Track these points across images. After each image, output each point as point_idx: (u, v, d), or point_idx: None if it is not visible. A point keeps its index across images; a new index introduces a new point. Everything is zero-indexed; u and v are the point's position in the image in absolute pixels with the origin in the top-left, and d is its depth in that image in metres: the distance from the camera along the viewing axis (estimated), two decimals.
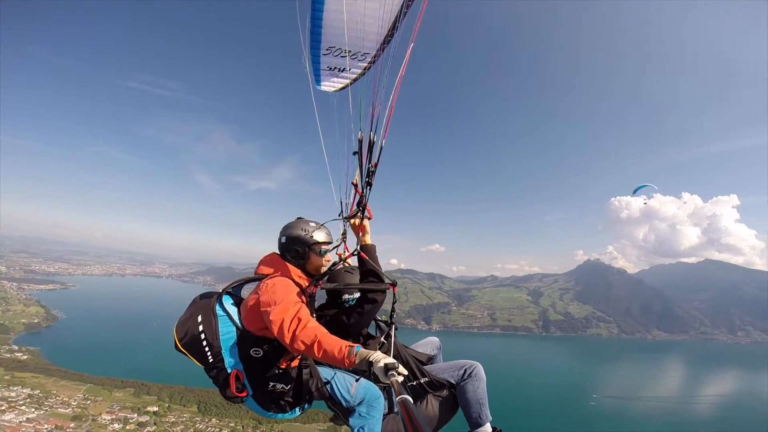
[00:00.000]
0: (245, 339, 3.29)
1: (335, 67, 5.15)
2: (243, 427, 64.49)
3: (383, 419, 3.73)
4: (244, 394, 3.30)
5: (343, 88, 5.38)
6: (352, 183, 4.46)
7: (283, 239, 3.70)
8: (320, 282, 3.57)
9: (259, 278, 3.52)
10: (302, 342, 2.78)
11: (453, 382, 4.09)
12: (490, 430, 4.00)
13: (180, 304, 3.55)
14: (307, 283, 3.57)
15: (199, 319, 3.28)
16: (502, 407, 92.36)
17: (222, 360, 3.24)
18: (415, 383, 3.96)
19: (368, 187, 4.24)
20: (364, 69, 5.13)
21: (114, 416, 64.81)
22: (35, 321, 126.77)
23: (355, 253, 4.05)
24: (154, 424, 64.62)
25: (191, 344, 3.24)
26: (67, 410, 65.29)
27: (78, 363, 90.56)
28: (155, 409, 68.89)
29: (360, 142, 4.26)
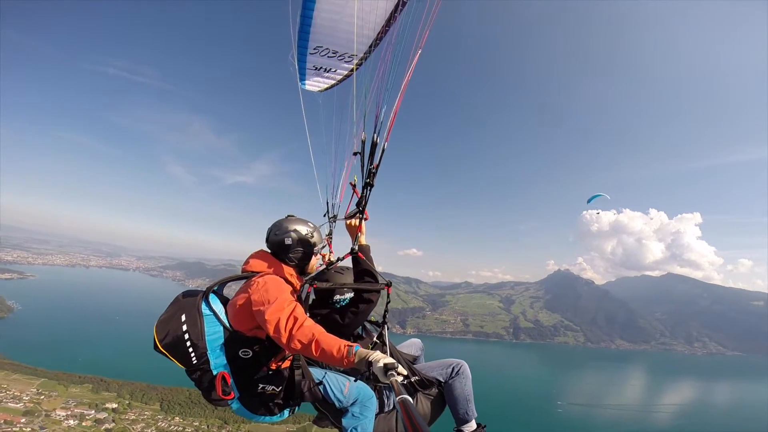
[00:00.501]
0: (234, 339, 3.12)
1: (321, 67, 5.13)
2: (208, 426, 63.01)
3: (375, 419, 3.70)
4: (230, 396, 3.11)
5: (327, 88, 5.36)
6: (350, 183, 4.40)
7: (288, 240, 3.52)
8: (315, 282, 3.55)
9: (247, 276, 3.35)
10: (299, 341, 2.70)
11: (442, 380, 4.16)
12: (476, 426, 4.12)
13: (147, 299, 3.30)
14: (298, 282, 3.49)
15: (183, 318, 3.07)
16: (485, 416, 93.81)
17: (207, 361, 3.05)
18: (406, 382, 3.94)
19: (368, 188, 4.17)
20: (350, 71, 5.05)
21: (70, 412, 62.24)
22: None
23: (353, 253, 4.00)
24: (113, 421, 62.34)
25: (173, 345, 3.02)
26: (18, 405, 62.42)
27: (33, 357, 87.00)
28: (114, 405, 66.58)
29: (363, 142, 4.19)
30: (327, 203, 4.79)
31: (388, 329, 3.88)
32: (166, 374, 70.72)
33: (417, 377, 4.05)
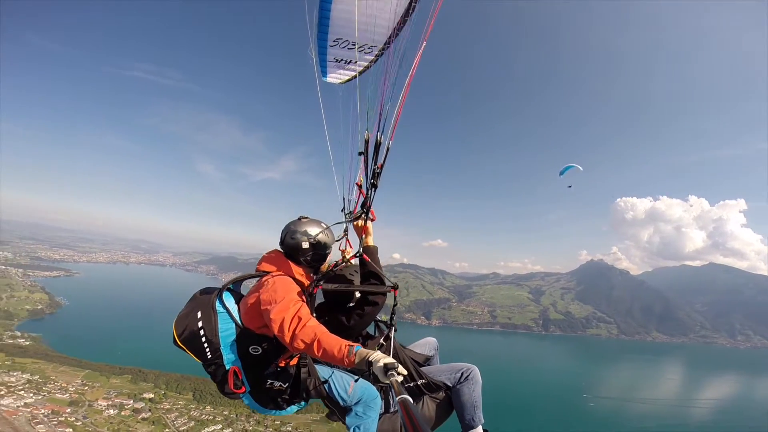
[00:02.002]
0: (244, 336, 3.28)
1: (342, 59, 5.08)
2: (237, 416, 65.27)
3: (379, 419, 3.74)
4: (241, 390, 3.31)
5: (349, 80, 5.32)
6: (357, 184, 4.35)
7: (300, 242, 3.65)
8: (321, 283, 3.55)
9: (260, 275, 3.53)
10: (302, 341, 2.79)
11: (449, 384, 4.09)
12: None
13: (183, 293, 3.56)
14: (308, 282, 3.58)
15: (199, 315, 3.27)
16: (499, 405, 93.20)
17: (220, 356, 3.24)
18: (412, 385, 3.96)
19: (373, 189, 4.14)
20: (371, 62, 5.07)
21: (110, 402, 65.71)
22: (39, 307, 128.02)
23: (358, 254, 4.02)
24: (149, 410, 65.46)
25: (190, 340, 3.25)
26: (64, 395, 66.35)
27: (78, 349, 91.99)
28: (151, 396, 69.75)
29: (366, 142, 4.14)
30: (344, 199, 4.77)
31: (395, 330, 3.93)
32: (199, 365, 73.55)
33: (424, 380, 4.01)
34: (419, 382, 3.98)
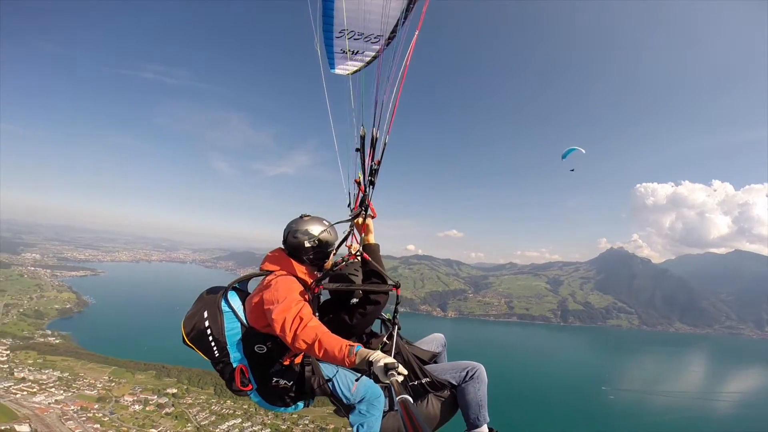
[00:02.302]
0: (249, 335, 3.38)
1: (348, 50, 5.09)
2: (256, 409, 66.76)
3: (383, 417, 3.78)
4: (248, 388, 3.41)
5: (356, 71, 5.34)
6: (355, 181, 4.33)
7: (301, 241, 3.70)
8: (322, 282, 3.58)
9: (263, 274, 3.59)
10: (303, 341, 2.85)
11: (454, 383, 4.08)
12: (487, 431, 4.05)
13: (203, 289, 3.70)
14: (311, 281, 3.61)
15: (205, 314, 3.39)
16: (517, 396, 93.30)
17: (227, 355, 3.35)
18: (416, 383, 3.98)
19: (371, 186, 4.12)
20: (377, 52, 5.08)
21: (135, 398, 68.22)
22: (67, 306, 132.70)
23: (358, 253, 4.03)
24: (172, 405, 67.71)
25: (198, 339, 3.36)
26: (92, 392, 69.12)
27: (105, 347, 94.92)
28: (174, 391, 72.03)
29: (362, 138, 4.07)
30: (349, 194, 4.76)
31: (399, 328, 3.94)
32: None
33: (428, 378, 4.01)
34: (423, 381, 3.99)
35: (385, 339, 3.90)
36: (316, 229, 3.74)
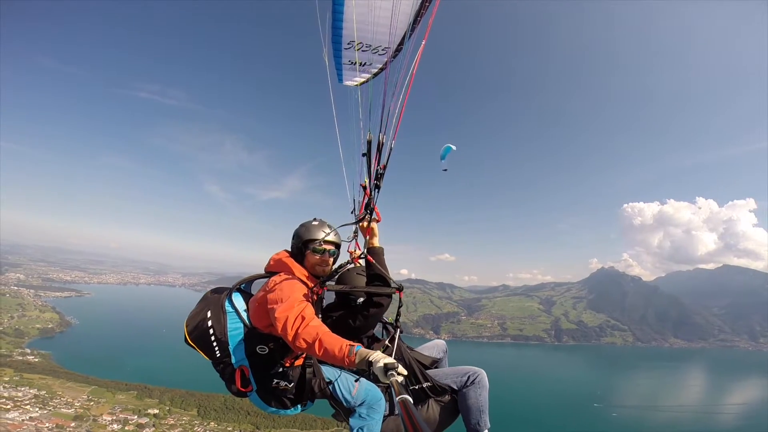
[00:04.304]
0: (252, 336, 3.34)
1: (357, 62, 5.14)
2: (241, 431, 64.54)
3: (384, 420, 3.73)
4: (248, 389, 3.38)
5: (364, 82, 5.41)
6: (361, 185, 4.37)
7: (297, 241, 3.74)
8: (326, 284, 3.57)
9: (269, 275, 3.58)
10: (304, 340, 2.81)
11: (455, 387, 4.02)
12: None
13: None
14: (313, 284, 3.57)
15: (209, 314, 3.36)
16: (512, 416, 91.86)
17: (229, 355, 3.31)
18: (417, 387, 3.93)
19: (377, 190, 4.17)
20: (386, 63, 5.10)
21: (114, 417, 65.60)
22: (49, 326, 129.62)
23: (362, 256, 4.01)
24: (153, 425, 65.23)
25: (200, 338, 3.33)
26: (69, 410, 66.34)
27: (87, 367, 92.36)
28: (156, 411, 69.49)
29: (369, 143, 4.16)
30: (354, 200, 4.77)
31: (401, 332, 3.94)
32: (205, 380, 73.59)
33: (429, 383, 3.96)
34: (424, 385, 3.95)
35: (387, 342, 3.90)
36: (309, 226, 3.76)
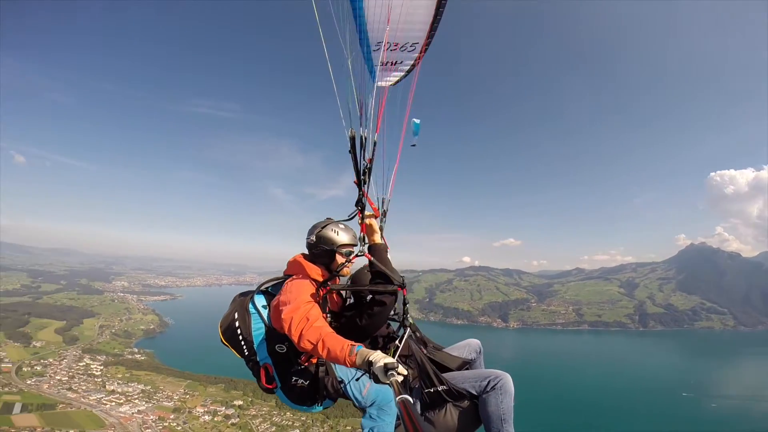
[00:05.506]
0: (271, 335, 3.54)
1: (387, 62, 5.15)
2: (312, 421, 68.69)
3: (397, 427, 3.66)
4: (273, 386, 3.60)
5: (398, 81, 5.44)
6: (354, 182, 4.29)
7: (313, 238, 3.84)
8: (329, 284, 3.65)
9: (286, 278, 3.77)
10: (308, 341, 2.91)
11: (474, 392, 3.75)
12: None
13: None
14: (331, 284, 3.71)
15: (236, 315, 3.62)
16: (596, 404, 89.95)
17: (255, 353, 3.57)
18: (432, 390, 3.72)
19: (364, 185, 4.15)
20: (416, 59, 5.16)
21: (206, 409, 72.88)
22: (151, 327, 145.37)
23: (360, 254, 3.98)
24: (238, 416, 71.40)
25: (231, 338, 3.61)
26: (169, 403, 75.01)
27: (182, 362, 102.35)
28: (240, 403, 75.74)
29: (352, 139, 4.09)
30: (377, 199, 4.78)
31: (412, 330, 3.97)
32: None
33: (445, 386, 3.73)
34: (440, 388, 3.72)
35: (397, 342, 3.82)
36: (337, 229, 3.87)
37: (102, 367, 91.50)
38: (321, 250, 3.80)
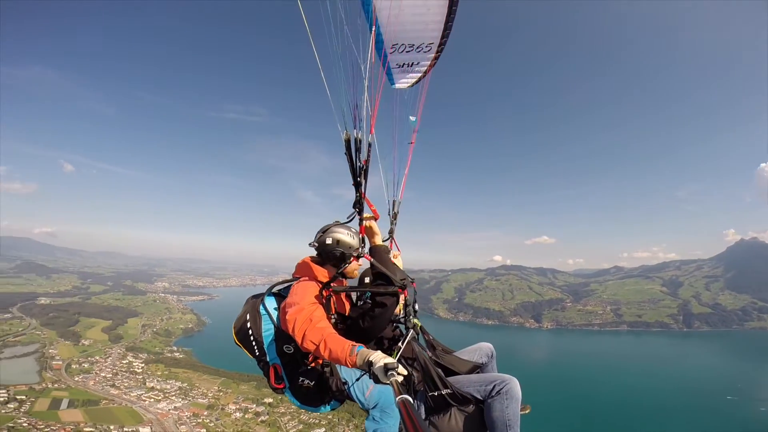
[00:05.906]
0: (280, 336, 3.60)
1: (404, 63, 5.19)
2: (338, 420, 69.83)
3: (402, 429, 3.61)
4: (281, 386, 3.66)
5: (416, 82, 5.46)
6: (353, 185, 4.25)
7: (329, 240, 3.83)
8: (332, 285, 3.69)
9: (295, 280, 3.84)
10: (311, 342, 2.98)
11: (479, 397, 3.70)
12: None
13: None
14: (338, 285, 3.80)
15: (248, 317, 3.73)
16: (637, 406, 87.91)
17: (265, 354, 3.65)
18: (436, 394, 3.68)
19: (360, 187, 4.10)
20: (433, 59, 5.16)
21: (238, 406, 75.59)
22: (190, 326, 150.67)
23: (359, 255, 3.96)
24: (267, 413, 73.58)
25: (243, 339, 3.71)
26: (204, 400, 78.14)
27: (218, 360, 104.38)
28: (270, 400, 77.66)
29: (347, 141, 4.04)
30: (387, 201, 4.78)
31: (416, 332, 3.99)
32: None
33: (449, 390, 3.68)
34: (444, 392, 3.67)
35: (400, 344, 3.82)
36: (352, 234, 3.94)
37: (143, 365, 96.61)
38: (337, 253, 3.80)
